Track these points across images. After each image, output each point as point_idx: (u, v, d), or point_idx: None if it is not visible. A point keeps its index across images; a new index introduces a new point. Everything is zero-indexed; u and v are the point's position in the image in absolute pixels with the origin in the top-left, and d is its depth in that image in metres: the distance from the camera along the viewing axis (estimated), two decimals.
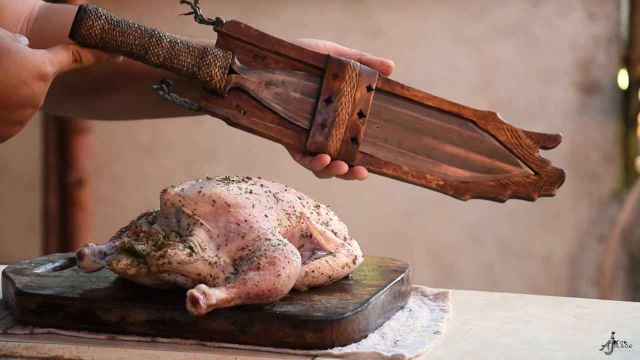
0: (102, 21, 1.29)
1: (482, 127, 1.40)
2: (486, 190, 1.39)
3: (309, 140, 1.35)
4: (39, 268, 1.35)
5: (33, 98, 1.25)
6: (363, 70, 1.38)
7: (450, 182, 1.39)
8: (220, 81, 1.32)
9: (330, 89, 1.36)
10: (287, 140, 1.35)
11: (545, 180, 1.41)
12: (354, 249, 1.33)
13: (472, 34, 3.31)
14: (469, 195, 1.39)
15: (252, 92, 1.34)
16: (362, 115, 1.36)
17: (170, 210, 1.26)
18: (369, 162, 1.38)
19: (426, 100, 1.40)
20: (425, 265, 3.38)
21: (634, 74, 3.24)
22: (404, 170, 1.38)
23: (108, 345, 1.19)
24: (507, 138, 1.40)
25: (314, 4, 3.36)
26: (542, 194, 1.40)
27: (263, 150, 3.41)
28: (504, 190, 1.39)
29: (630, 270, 3.31)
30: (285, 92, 1.35)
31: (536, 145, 1.41)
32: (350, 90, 1.36)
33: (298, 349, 1.17)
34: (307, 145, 1.35)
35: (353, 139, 1.36)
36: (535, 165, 1.41)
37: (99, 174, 3.59)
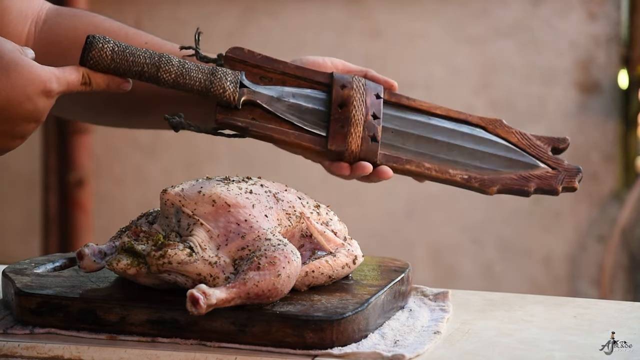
0: (111, 44, 1.30)
1: (492, 131, 1.41)
2: (510, 183, 1.40)
3: (330, 141, 1.35)
4: (39, 268, 1.35)
5: (36, 113, 1.25)
6: (368, 84, 1.39)
7: (474, 176, 1.39)
8: (233, 93, 1.33)
9: (340, 96, 1.37)
10: (307, 144, 1.35)
11: (564, 174, 1.42)
12: (354, 249, 1.33)
13: (472, 34, 3.31)
14: (495, 189, 1.40)
15: (265, 104, 1.35)
16: (377, 117, 1.37)
17: (170, 210, 1.27)
18: (392, 160, 1.38)
19: (433, 109, 1.41)
20: (425, 265, 3.38)
21: (634, 74, 3.24)
22: (427, 167, 1.38)
23: (108, 345, 1.19)
24: (518, 140, 1.42)
25: (314, 3, 3.36)
26: (565, 186, 1.42)
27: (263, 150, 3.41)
28: (527, 183, 1.40)
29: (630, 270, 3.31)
30: (297, 104, 1.36)
31: (547, 146, 1.42)
32: (360, 96, 1.37)
33: (298, 349, 1.17)
34: (328, 145, 1.35)
35: (372, 138, 1.36)
36: (551, 162, 1.43)
37: (99, 174, 3.58)
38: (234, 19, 3.43)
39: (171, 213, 1.26)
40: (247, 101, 1.34)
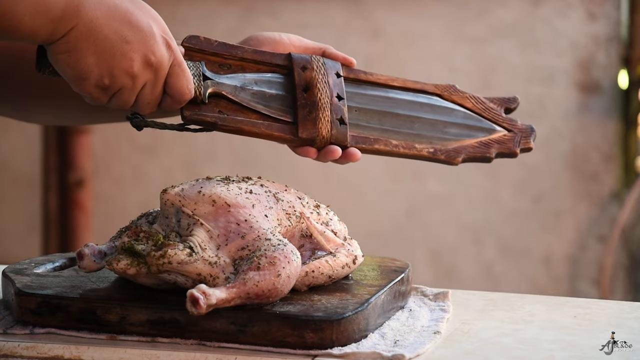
0: None
1: (448, 98, 1.44)
2: (473, 151, 1.42)
3: (300, 129, 1.34)
4: (39, 268, 1.35)
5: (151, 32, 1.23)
6: (327, 62, 1.39)
7: (439, 148, 1.41)
8: (198, 88, 1.31)
9: (303, 79, 1.36)
10: (277, 134, 1.34)
11: (520, 135, 1.44)
12: (354, 249, 1.33)
13: (472, 33, 3.31)
14: (459, 159, 1.42)
15: (231, 95, 1.33)
16: (341, 98, 1.37)
17: (170, 210, 1.27)
18: (361, 141, 1.38)
19: (390, 82, 1.43)
20: (425, 265, 3.38)
21: (634, 74, 3.24)
22: (395, 144, 1.39)
23: (108, 345, 1.19)
24: (473, 105, 1.44)
25: (314, 3, 3.36)
26: (522, 147, 1.44)
27: (263, 150, 3.41)
28: (488, 149, 1.42)
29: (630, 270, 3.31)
30: (261, 90, 1.35)
31: (500, 108, 1.45)
32: (322, 77, 1.37)
33: (298, 349, 1.17)
34: (299, 134, 1.34)
35: (340, 120, 1.36)
36: (506, 124, 1.45)
37: (99, 174, 3.59)
38: (234, 19, 3.43)
39: (171, 213, 1.26)
40: (212, 93, 1.32)
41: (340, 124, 1.36)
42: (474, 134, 1.43)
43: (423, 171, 3.34)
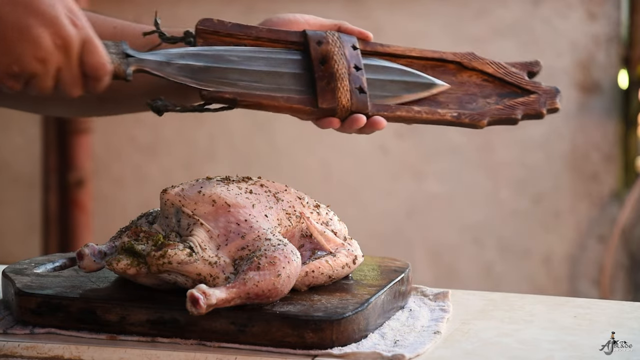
0: None
1: (468, 65, 1.42)
2: (498, 114, 1.39)
3: (320, 100, 1.32)
4: (39, 268, 1.35)
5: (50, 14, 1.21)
6: (342, 36, 1.38)
7: (462, 112, 1.38)
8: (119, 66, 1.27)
9: (319, 52, 1.35)
10: (297, 106, 1.32)
11: (545, 97, 1.42)
12: (354, 249, 1.33)
13: (472, 33, 3.31)
14: (485, 122, 1.38)
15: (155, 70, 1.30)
16: (359, 69, 1.36)
17: (170, 210, 1.27)
18: (382, 109, 1.36)
19: (408, 52, 1.42)
20: (425, 265, 3.38)
21: (634, 74, 3.24)
22: (417, 110, 1.37)
23: (108, 345, 1.19)
24: (494, 70, 1.42)
25: (314, 3, 3.36)
26: (549, 108, 1.42)
27: (263, 150, 3.41)
28: (514, 111, 1.39)
29: (630, 270, 3.31)
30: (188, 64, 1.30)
31: (523, 72, 1.43)
32: (338, 50, 1.36)
33: (298, 349, 1.17)
34: (319, 104, 1.32)
35: (359, 89, 1.34)
36: (530, 86, 1.43)
37: (99, 174, 3.58)
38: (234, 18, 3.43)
39: (171, 213, 1.26)
40: (136, 70, 1.29)
41: (360, 92, 1.34)
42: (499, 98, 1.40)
43: (423, 171, 3.33)
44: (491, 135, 3.29)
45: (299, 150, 3.36)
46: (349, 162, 3.35)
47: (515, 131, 3.24)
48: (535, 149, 3.24)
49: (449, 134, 3.33)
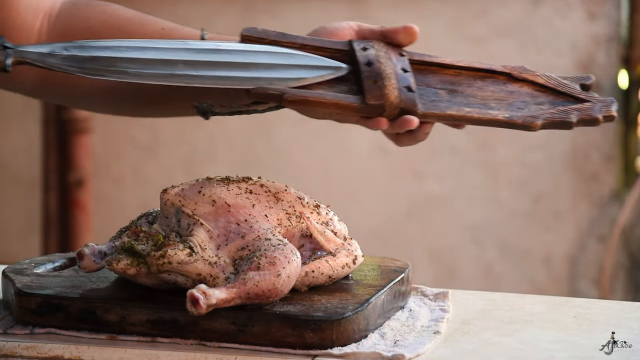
0: None
1: (518, 77, 1.38)
2: (552, 117, 1.35)
3: (367, 96, 1.29)
4: (39, 268, 1.35)
5: None
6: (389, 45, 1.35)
7: (515, 114, 1.35)
8: None
9: (365, 56, 1.32)
10: (344, 102, 1.29)
11: (600, 105, 1.37)
12: (354, 249, 1.33)
13: (472, 33, 3.31)
14: (538, 124, 1.35)
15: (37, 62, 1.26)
16: (406, 71, 1.33)
17: (170, 210, 1.27)
18: (433, 108, 1.32)
19: (456, 62, 1.37)
20: (425, 265, 3.38)
21: (634, 74, 3.24)
22: (467, 110, 1.33)
23: (108, 345, 1.19)
24: (545, 81, 1.39)
25: (315, 3, 3.36)
26: (605, 115, 1.36)
27: (263, 150, 3.41)
28: (568, 115, 1.35)
29: (630, 270, 3.31)
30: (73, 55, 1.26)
31: (575, 84, 1.39)
32: (384, 54, 1.33)
33: (298, 349, 1.17)
34: (366, 100, 1.29)
35: (408, 88, 1.31)
36: (583, 96, 1.38)
37: (98, 174, 3.59)
38: (234, 18, 3.43)
39: (171, 213, 1.26)
40: (17, 62, 1.24)
41: (408, 91, 1.31)
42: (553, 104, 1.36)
43: (423, 171, 3.33)
44: (491, 135, 3.29)
45: (299, 150, 3.36)
46: (349, 162, 3.35)
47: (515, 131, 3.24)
48: (535, 149, 3.24)
49: (449, 134, 3.33)
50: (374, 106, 1.29)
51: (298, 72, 1.32)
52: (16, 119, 3.60)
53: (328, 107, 1.29)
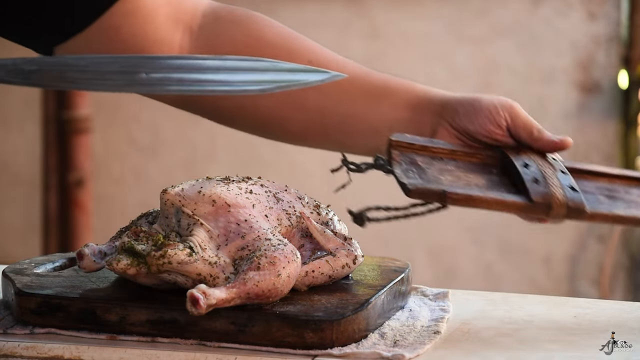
0: None
1: None
2: None
3: (532, 194, 1.24)
4: (39, 268, 1.35)
5: None
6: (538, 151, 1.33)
7: None
8: None
9: (521, 158, 1.29)
10: (510, 200, 1.24)
11: None
12: (354, 249, 1.33)
13: (472, 33, 3.31)
14: None
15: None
16: (565, 173, 1.30)
17: (170, 210, 1.26)
18: (598, 208, 1.29)
19: (610, 170, 1.35)
20: (425, 265, 3.38)
21: (634, 74, 3.24)
22: (635, 212, 1.30)
23: (108, 345, 1.19)
24: None
25: (314, 3, 3.36)
26: None
27: (263, 150, 3.41)
28: None
29: (630, 270, 3.31)
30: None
31: None
32: (541, 157, 1.30)
33: (298, 349, 1.17)
34: (532, 198, 1.25)
35: (571, 188, 1.28)
36: None
37: (98, 174, 3.59)
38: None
39: (171, 213, 1.26)
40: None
41: (573, 190, 1.27)
42: None
43: None
44: None
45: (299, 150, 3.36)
46: None
47: None
48: None
49: None
50: (540, 204, 1.24)
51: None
52: (16, 119, 3.60)
53: (492, 205, 1.23)
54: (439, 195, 1.20)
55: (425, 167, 1.22)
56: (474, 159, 1.29)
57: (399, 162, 1.20)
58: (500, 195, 1.22)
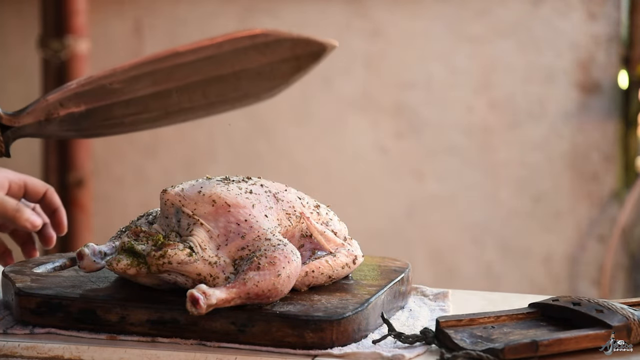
0: None
1: None
2: None
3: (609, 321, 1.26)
4: (39, 268, 1.35)
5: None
6: None
7: None
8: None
9: (566, 301, 1.31)
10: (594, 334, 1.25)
11: None
12: (354, 249, 1.33)
13: (472, 33, 3.31)
14: None
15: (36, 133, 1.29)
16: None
17: (171, 210, 1.26)
18: None
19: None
20: (425, 265, 3.38)
21: (634, 74, 3.24)
22: None
23: (108, 345, 1.19)
24: None
25: (314, 3, 3.36)
26: None
27: (263, 150, 3.41)
28: None
29: (630, 270, 3.31)
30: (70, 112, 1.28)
31: None
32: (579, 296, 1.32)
33: (298, 348, 1.17)
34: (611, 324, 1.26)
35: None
36: None
37: (99, 174, 3.58)
38: (233, 19, 3.43)
39: (171, 213, 1.26)
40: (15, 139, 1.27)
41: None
42: None
43: (423, 171, 3.34)
44: (491, 135, 3.29)
45: (299, 150, 3.36)
46: (349, 162, 3.35)
47: (515, 131, 3.24)
48: (535, 149, 3.24)
49: (449, 134, 3.33)
50: (620, 327, 1.26)
51: None
52: None
53: (581, 342, 1.25)
54: (531, 346, 1.21)
55: (486, 335, 1.23)
56: (516, 319, 1.30)
57: (460, 339, 1.21)
58: (581, 332, 1.24)
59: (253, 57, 1.32)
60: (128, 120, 1.27)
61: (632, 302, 1.32)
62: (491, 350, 1.17)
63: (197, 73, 1.31)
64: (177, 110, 1.28)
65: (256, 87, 1.32)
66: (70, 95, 1.27)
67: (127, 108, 1.27)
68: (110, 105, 1.26)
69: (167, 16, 3.43)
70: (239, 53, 1.32)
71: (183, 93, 1.30)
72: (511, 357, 1.19)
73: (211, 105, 1.31)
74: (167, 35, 3.43)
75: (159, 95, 1.26)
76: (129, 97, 1.27)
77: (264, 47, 1.32)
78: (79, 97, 1.27)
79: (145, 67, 1.28)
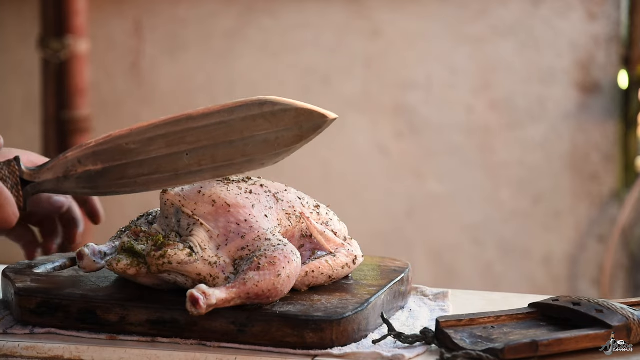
0: None
1: None
2: None
3: (608, 322, 1.26)
4: (39, 268, 1.35)
5: None
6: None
7: None
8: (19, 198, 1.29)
9: (565, 302, 1.30)
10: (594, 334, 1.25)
11: None
12: (354, 249, 1.33)
13: (472, 33, 3.31)
14: None
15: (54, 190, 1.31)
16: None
17: (170, 211, 1.27)
18: None
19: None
20: (425, 265, 3.38)
21: (634, 74, 3.24)
22: None
23: (108, 345, 1.19)
24: None
25: (314, 3, 3.36)
26: None
27: None
28: None
29: (630, 270, 3.31)
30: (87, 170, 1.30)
31: None
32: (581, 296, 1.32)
33: (298, 349, 1.17)
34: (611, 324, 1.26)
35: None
36: None
37: None
38: (233, 19, 3.43)
39: (171, 213, 1.26)
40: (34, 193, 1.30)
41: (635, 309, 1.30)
42: None
43: (423, 171, 3.34)
44: (491, 135, 3.29)
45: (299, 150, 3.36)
46: (349, 162, 3.35)
47: (515, 131, 3.24)
48: (535, 149, 3.24)
49: (449, 134, 3.33)
50: (620, 327, 1.26)
51: None
52: (16, 119, 3.60)
53: (581, 342, 1.25)
54: (531, 346, 1.21)
55: (486, 335, 1.23)
56: (516, 319, 1.30)
57: (460, 339, 1.21)
58: (581, 332, 1.24)
59: (261, 124, 1.36)
60: (140, 180, 1.32)
61: (632, 302, 1.33)
62: (491, 350, 1.17)
63: (207, 137, 1.35)
64: (186, 173, 1.33)
65: (261, 153, 1.36)
66: (89, 153, 1.31)
67: (141, 168, 1.31)
68: (125, 165, 1.31)
69: (167, 16, 3.43)
70: (248, 120, 1.36)
71: (193, 156, 1.34)
72: (511, 357, 1.19)
73: (217, 169, 1.35)
74: (167, 35, 3.43)
75: (171, 157, 1.31)
76: (143, 158, 1.31)
77: (270, 115, 1.36)
78: (97, 156, 1.32)
79: (159, 129, 1.32)
